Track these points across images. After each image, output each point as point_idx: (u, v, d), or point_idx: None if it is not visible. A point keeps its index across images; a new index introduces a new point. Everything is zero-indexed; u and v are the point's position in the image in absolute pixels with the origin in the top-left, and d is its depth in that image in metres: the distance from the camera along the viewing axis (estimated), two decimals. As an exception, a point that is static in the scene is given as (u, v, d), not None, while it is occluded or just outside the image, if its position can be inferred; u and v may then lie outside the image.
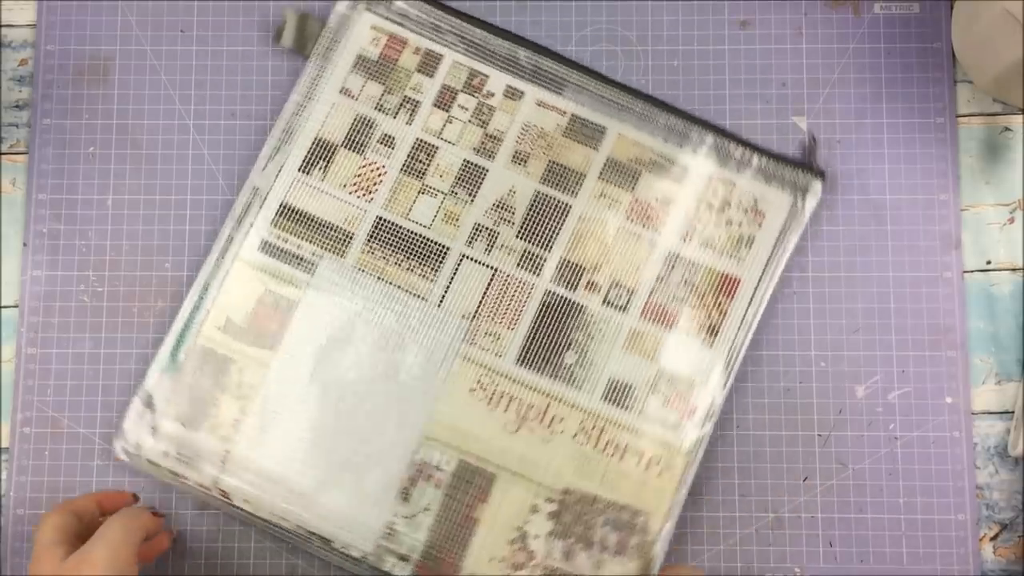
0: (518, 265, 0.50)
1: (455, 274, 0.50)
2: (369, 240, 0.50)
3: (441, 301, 0.49)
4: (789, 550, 0.50)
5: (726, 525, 0.50)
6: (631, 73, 0.53)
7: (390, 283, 0.50)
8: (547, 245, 0.50)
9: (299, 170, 0.50)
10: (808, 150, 0.51)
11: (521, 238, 0.50)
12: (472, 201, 0.50)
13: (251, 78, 0.53)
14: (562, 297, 0.50)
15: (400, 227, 0.50)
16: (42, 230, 0.52)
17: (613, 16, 0.53)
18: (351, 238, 0.50)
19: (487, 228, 0.50)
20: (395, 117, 0.51)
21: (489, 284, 0.50)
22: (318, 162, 0.50)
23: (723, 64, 0.53)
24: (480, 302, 0.49)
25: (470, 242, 0.50)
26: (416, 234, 0.50)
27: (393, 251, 0.50)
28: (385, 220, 0.50)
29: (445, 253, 0.50)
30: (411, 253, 0.50)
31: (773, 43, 0.53)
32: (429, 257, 0.50)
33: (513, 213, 0.50)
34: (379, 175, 0.51)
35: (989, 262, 0.52)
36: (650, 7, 0.53)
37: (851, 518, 0.50)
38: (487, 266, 0.50)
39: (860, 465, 0.50)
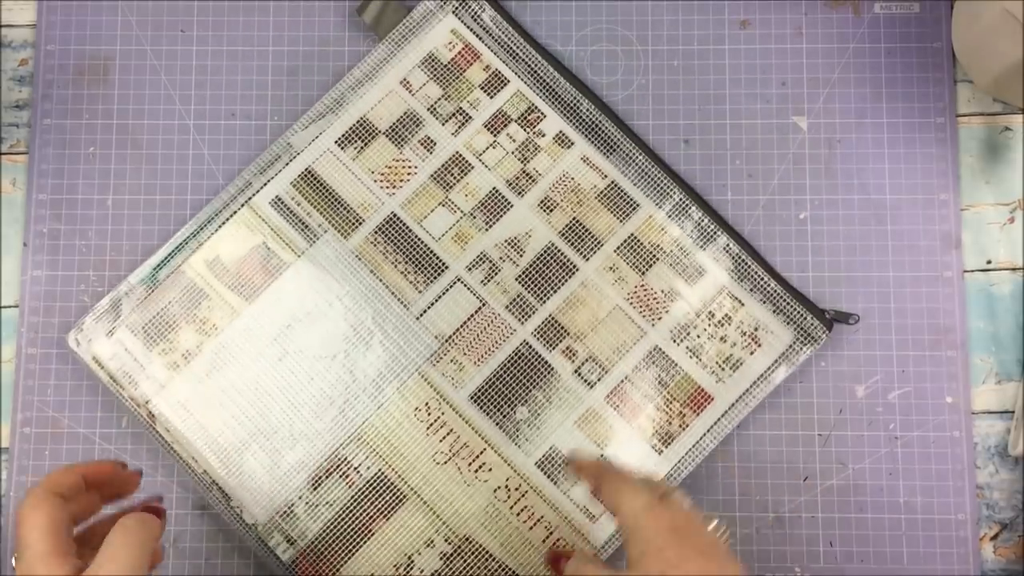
0: (507, 307, 0.50)
1: (444, 294, 0.50)
2: (376, 232, 0.50)
3: (422, 315, 0.49)
4: (789, 550, 0.50)
5: (726, 525, 0.50)
6: (631, 73, 0.53)
7: (380, 280, 0.50)
8: (542, 297, 0.50)
9: (336, 142, 0.51)
10: (839, 314, 0.49)
11: (519, 282, 0.50)
12: (487, 230, 0.50)
13: (251, 78, 0.53)
14: (536, 352, 0.49)
15: (410, 230, 0.50)
16: (42, 230, 0.52)
17: (613, 16, 0.53)
18: (360, 223, 0.50)
19: (491, 261, 0.50)
20: (444, 124, 0.51)
21: (473, 315, 0.50)
22: (356, 141, 0.51)
23: (723, 64, 0.53)
24: (458, 329, 0.49)
25: (470, 268, 0.50)
26: (422, 242, 0.50)
27: (394, 250, 0.50)
28: (398, 219, 0.50)
29: (443, 270, 0.50)
30: (411, 259, 0.50)
31: (773, 43, 0.53)
32: (426, 269, 0.50)
33: (521, 255, 0.50)
34: (408, 174, 0.51)
35: (989, 262, 0.52)
36: (650, 7, 0.53)
37: (851, 518, 0.50)
38: (478, 297, 0.50)
39: (860, 465, 0.50)
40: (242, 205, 0.50)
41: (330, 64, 0.53)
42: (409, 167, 0.51)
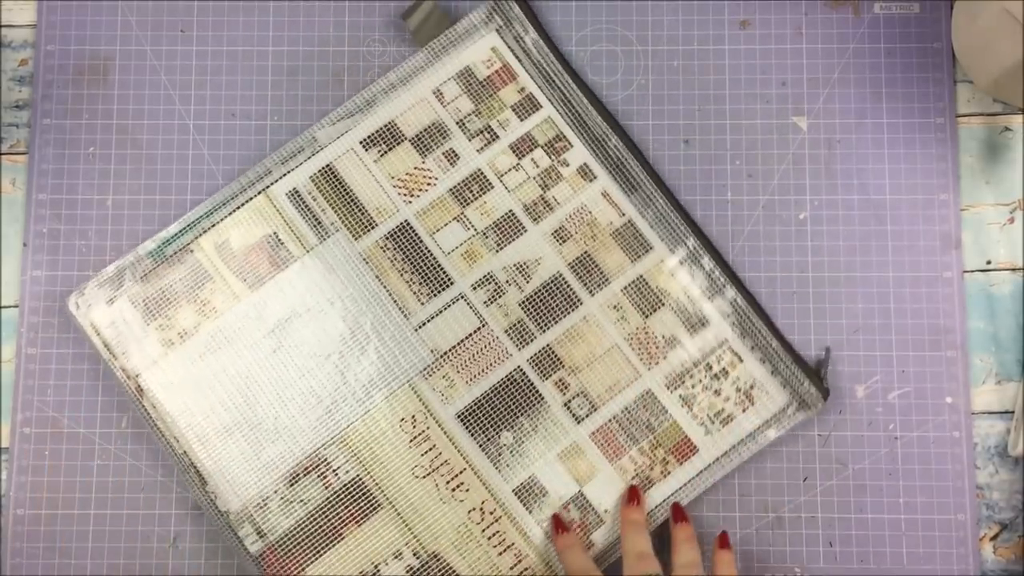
0: (506, 331, 0.50)
1: (446, 309, 0.50)
2: (387, 237, 0.50)
3: (421, 327, 0.50)
4: (789, 550, 0.50)
5: (726, 525, 0.50)
6: (631, 73, 0.53)
7: (384, 286, 0.50)
8: (542, 326, 0.50)
9: (360, 142, 0.51)
10: (822, 362, 0.50)
11: (522, 307, 0.50)
12: (498, 251, 0.50)
13: (251, 78, 0.53)
14: (529, 380, 0.49)
15: (421, 241, 0.50)
16: (42, 230, 0.52)
17: (613, 16, 0.53)
18: (372, 227, 0.50)
19: (497, 282, 0.50)
20: (470, 140, 0.51)
21: (471, 334, 0.50)
22: (380, 144, 0.51)
23: (723, 64, 0.53)
24: (454, 346, 0.49)
25: (476, 287, 0.50)
26: (431, 254, 0.50)
27: (403, 259, 0.50)
28: (411, 228, 0.50)
29: (448, 285, 0.50)
30: (417, 269, 0.50)
31: (773, 43, 0.53)
32: (432, 282, 0.50)
33: (528, 281, 0.50)
34: (428, 183, 0.51)
35: (989, 262, 0.52)
36: (650, 7, 0.53)
37: (851, 518, 0.50)
38: (479, 317, 0.50)
39: (860, 465, 0.50)
40: (259, 192, 0.50)
41: (330, 64, 0.53)
42: (429, 177, 0.51)
